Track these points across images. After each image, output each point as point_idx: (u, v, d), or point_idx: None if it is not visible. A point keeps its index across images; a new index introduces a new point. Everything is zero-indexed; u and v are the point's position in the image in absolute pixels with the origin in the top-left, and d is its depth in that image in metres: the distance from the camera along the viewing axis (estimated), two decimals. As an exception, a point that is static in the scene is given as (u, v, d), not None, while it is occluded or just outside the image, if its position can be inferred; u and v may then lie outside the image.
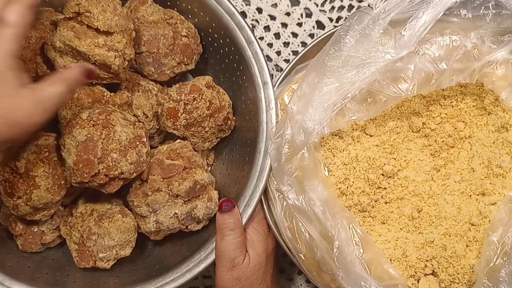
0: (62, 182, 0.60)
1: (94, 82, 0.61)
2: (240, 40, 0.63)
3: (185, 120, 0.63)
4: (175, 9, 0.67)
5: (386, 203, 0.63)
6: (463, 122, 0.64)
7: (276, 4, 0.77)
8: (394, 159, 0.64)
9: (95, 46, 0.56)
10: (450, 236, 0.60)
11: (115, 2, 0.58)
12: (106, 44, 0.56)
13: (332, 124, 0.61)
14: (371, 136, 0.64)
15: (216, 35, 0.66)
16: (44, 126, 0.52)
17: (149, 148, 0.62)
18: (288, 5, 0.77)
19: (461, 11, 0.59)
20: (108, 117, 0.58)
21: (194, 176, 0.62)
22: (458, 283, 0.58)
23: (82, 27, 0.56)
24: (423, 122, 0.64)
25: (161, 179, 0.62)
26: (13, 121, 0.45)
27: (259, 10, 0.78)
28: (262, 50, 0.63)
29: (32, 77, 0.53)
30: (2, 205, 0.63)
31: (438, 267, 0.59)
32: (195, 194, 0.62)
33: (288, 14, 0.77)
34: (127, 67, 0.61)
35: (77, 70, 0.50)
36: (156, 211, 0.62)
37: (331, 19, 0.78)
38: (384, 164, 0.63)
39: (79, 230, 0.62)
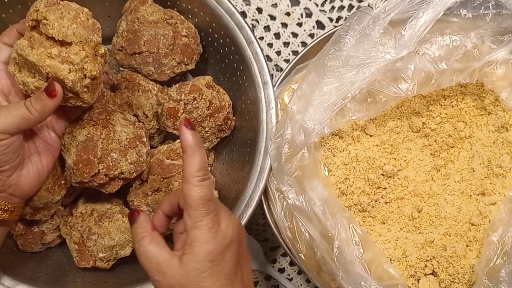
0: (62, 182, 0.60)
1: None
2: (240, 40, 0.63)
3: (185, 120, 0.63)
4: (175, 9, 0.67)
5: (386, 203, 0.63)
6: (463, 122, 0.64)
7: (276, 4, 0.77)
8: (394, 159, 0.64)
9: (47, 56, 0.49)
10: (450, 236, 0.60)
11: (80, 10, 0.50)
12: (60, 55, 0.49)
13: (332, 124, 0.61)
14: (371, 136, 0.64)
15: (216, 35, 0.66)
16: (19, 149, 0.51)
17: (149, 148, 0.62)
18: (288, 5, 0.77)
19: (461, 11, 0.59)
20: (108, 117, 0.58)
21: (194, 176, 0.62)
22: (458, 283, 0.58)
23: (41, 37, 0.50)
24: (423, 122, 0.64)
25: (161, 179, 0.61)
26: None
27: (259, 10, 0.78)
28: (262, 50, 0.63)
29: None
30: (2, 205, 0.63)
31: (438, 267, 0.59)
32: (195, 194, 0.62)
33: (288, 14, 0.77)
34: (94, 87, 0.52)
35: (40, 91, 0.49)
36: (156, 211, 0.62)
37: (331, 19, 0.78)
38: (384, 164, 0.63)
39: (79, 230, 0.62)
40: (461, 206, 0.61)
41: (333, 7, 0.78)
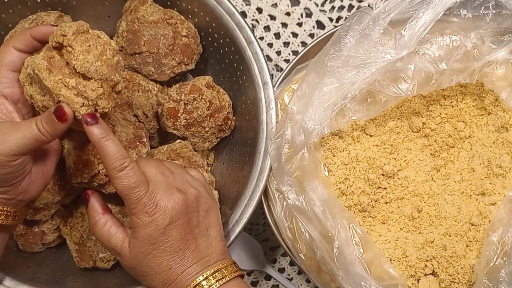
0: (63, 182, 0.60)
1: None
2: (240, 40, 0.63)
3: (185, 120, 0.63)
4: (175, 9, 0.67)
5: (386, 203, 0.63)
6: (463, 122, 0.64)
7: (276, 4, 0.77)
8: (394, 159, 0.64)
9: (64, 85, 0.47)
10: (450, 236, 0.60)
11: (108, 46, 0.49)
12: (77, 88, 0.47)
13: (332, 124, 0.61)
14: (371, 136, 0.64)
15: (216, 35, 0.66)
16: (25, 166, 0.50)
17: (149, 148, 0.62)
18: (288, 5, 0.77)
19: (461, 11, 0.59)
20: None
21: (194, 176, 0.62)
22: (458, 283, 0.58)
23: (61, 60, 0.48)
24: (423, 122, 0.64)
25: (161, 179, 0.61)
26: None
27: (259, 10, 0.78)
28: (262, 50, 0.63)
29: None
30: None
31: (438, 267, 0.59)
32: (195, 194, 0.62)
33: (288, 14, 0.77)
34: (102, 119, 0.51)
35: (52, 109, 0.48)
36: (156, 211, 0.62)
37: (331, 19, 0.78)
38: (384, 164, 0.63)
39: (79, 230, 0.63)
40: (461, 206, 0.61)
41: (333, 7, 0.78)
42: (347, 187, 0.62)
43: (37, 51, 0.51)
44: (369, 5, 0.77)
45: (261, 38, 0.78)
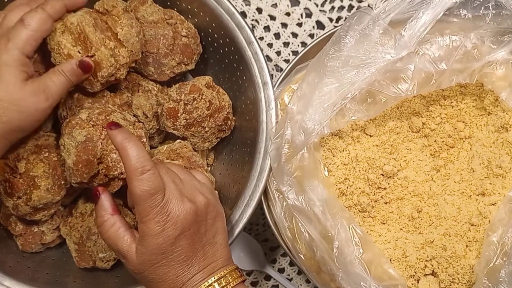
0: (62, 182, 0.60)
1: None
2: (240, 40, 0.63)
3: (185, 120, 0.63)
4: (175, 9, 0.67)
5: (386, 203, 0.63)
6: (463, 122, 0.64)
7: (276, 4, 0.77)
8: (394, 159, 0.64)
9: (103, 44, 0.56)
10: (450, 236, 0.60)
11: (140, 27, 0.60)
12: (113, 50, 0.57)
13: (332, 124, 0.61)
14: (371, 136, 0.64)
15: (216, 35, 0.66)
16: (48, 116, 0.58)
17: (149, 148, 0.62)
18: (288, 5, 0.77)
19: (461, 11, 0.59)
20: (108, 118, 0.58)
21: (194, 176, 0.62)
22: (458, 283, 0.58)
23: (102, 24, 0.57)
24: (423, 122, 0.64)
25: (161, 179, 0.61)
26: (22, 108, 0.52)
27: (259, 10, 0.78)
28: (262, 50, 0.63)
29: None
30: (2, 205, 0.63)
31: (438, 267, 0.59)
32: (195, 194, 0.62)
33: (288, 14, 0.78)
34: (108, 81, 0.59)
35: (73, 62, 0.56)
36: (156, 211, 0.62)
37: (331, 19, 0.78)
38: (384, 164, 0.63)
39: (79, 230, 0.63)
40: (461, 207, 0.61)
41: (333, 7, 0.78)
42: (347, 187, 0.62)
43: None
44: (369, 5, 0.77)
45: (261, 38, 0.78)
